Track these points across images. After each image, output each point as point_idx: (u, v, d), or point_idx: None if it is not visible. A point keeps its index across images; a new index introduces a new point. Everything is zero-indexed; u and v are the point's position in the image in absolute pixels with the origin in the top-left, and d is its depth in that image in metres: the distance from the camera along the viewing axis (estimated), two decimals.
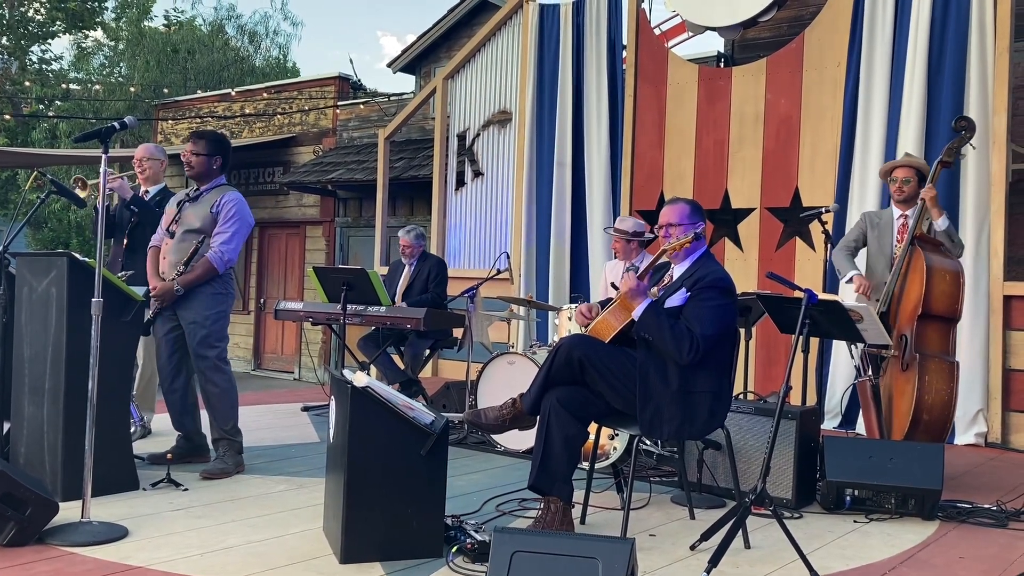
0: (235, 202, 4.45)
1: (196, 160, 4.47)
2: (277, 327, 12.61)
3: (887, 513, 3.91)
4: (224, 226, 4.39)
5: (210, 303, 4.37)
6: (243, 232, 4.47)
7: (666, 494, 4.22)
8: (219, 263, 4.35)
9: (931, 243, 4.60)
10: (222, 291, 4.43)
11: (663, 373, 3.34)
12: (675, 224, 3.54)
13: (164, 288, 4.32)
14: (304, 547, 3.26)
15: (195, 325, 4.34)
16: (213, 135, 4.63)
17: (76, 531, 3.24)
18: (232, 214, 4.41)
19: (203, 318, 4.34)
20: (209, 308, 4.36)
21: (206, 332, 4.34)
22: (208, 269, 4.33)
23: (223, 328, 4.45)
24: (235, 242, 4.42)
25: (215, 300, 4.39)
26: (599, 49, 7.94)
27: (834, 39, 6.74)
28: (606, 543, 2.46)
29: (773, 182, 6.97)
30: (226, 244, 4.38)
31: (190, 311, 4.35)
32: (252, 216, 4.60)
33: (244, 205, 4.50)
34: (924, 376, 4.39)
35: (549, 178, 8.14)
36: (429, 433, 3.14)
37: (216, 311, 4.39)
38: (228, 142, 4.68)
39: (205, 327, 4.34)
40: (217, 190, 4.49)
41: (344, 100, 12.54)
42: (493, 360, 5.18)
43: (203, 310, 4.35)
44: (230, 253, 4.40)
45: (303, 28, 45.21)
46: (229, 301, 4.51)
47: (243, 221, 4.46)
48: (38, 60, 20.83)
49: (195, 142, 4.50)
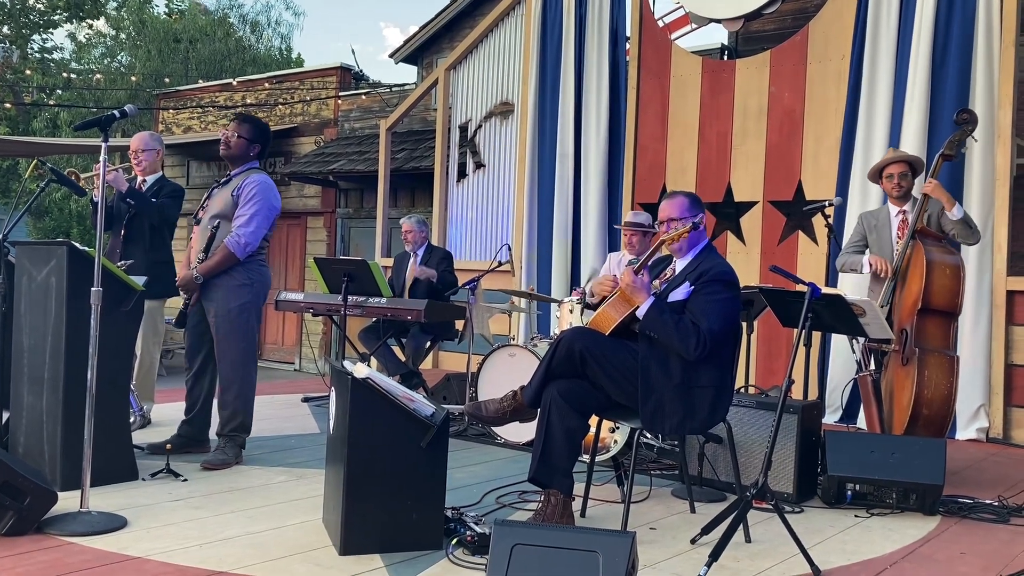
0: (257, 184, 4.24)
1: (236, 142, 4.31)
2: (278, 318, 12.59)
3: (888, 508, 3.90)
4: (243, 208, 4.20)
5: (232, 296, 4.20)
6: (265, 215, 4.24)
7: (667, 487, 4.21)
8: (237, 248, 4.16)
9: (932, 237, 4.56)
10: (246, 281, 4.24)
11: (665, 367, 3.32)
12: (676, 218, 3.51)
13: (185, 278, 4.23)
14: (303, 538, 3.25)
15: (217, 319, 4.22)
16: (258, 122, 4.46)
17: (75, 521, 3.23)
18: (252, 195, 4.20)
19: (225, 312, 4.21)
20: (232, 301, 4.20)
21: (228, 327, 4.21)
22: (226, 255, 4.16)
23: (248, 321, 4.26)
24: (254, 225, 4.20)
25: (238, 292, 4.21)
26: (601, 40, 7.90)
27: (838, 31, 6.70)
28: (607, 536, 2.44)
29: (776, 175, 6.94)
30: (244, 227, 4.17)
31: (213, 304, 4.23)
32: (278, 199, 4.36)
33: (268, 187, 4.27)
34: (924, 371, 4.37)
35: (551, 170, 8.12)
36: (429, 425, 3.13)
37: (239, 304, 4.21)
38: (270, 133, 4.52)
39: (227, 322, 4.20)
40: (244, 173, 4.32)
41: (346, 91, 12.50)
42: (494, 352, 5.16)
43: (226, 303, 4.21)
44: (248, 237, 4.18)
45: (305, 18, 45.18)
46: (255, 292, 4.29)
47: (265, 203, 4.23)
48: (39, 49, 20.78)
49: (239, 124, 4.34)
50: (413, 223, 6.68)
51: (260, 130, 4.41)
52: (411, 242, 6.68)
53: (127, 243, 4.99)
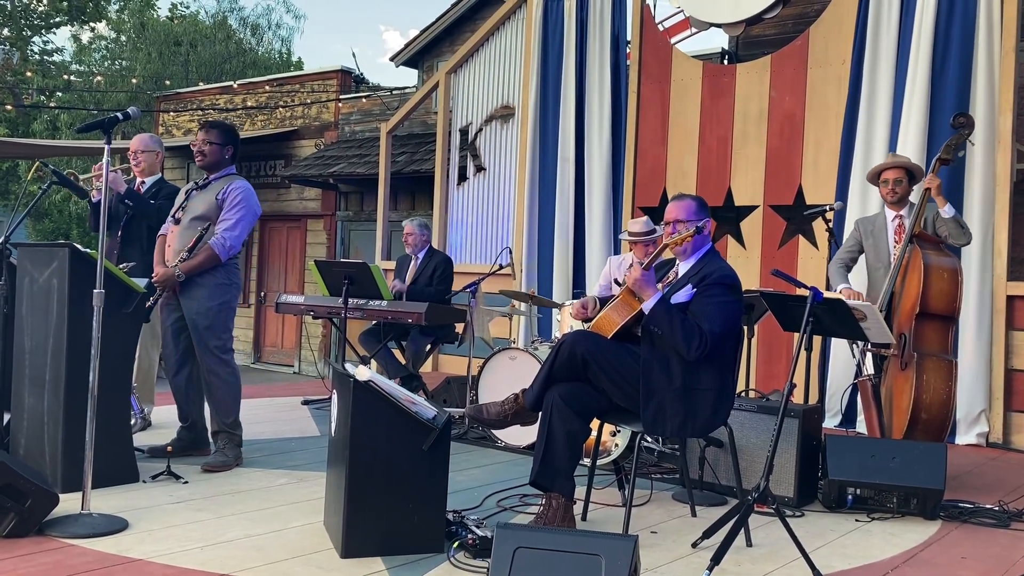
0: (241, 190, 4.42)
1: (209, 149, 4.46)
2: (277, 320, 12.60)
3: (889, 512, 3.90)
4: (228, 213, 4.36)
5: (214, 294, 4.34)
6: (248, 220, 4.43)
7: (667, 491, 4.21)
8: (221, 250, 4.31)
9: (930, 241, 4.57)
10: (226, 281, 4.40)
11: (666, 370, 3.32)
12: (682, 220, 3.52)
13: (165, 274, 4.29)
14: (305, 541, 3.25)
15: (198, 316, 4.32)
16: (225, 125, 4.64)
17: (76, 523, 3.23)
18: (238, 201, 4.38)
19: (206, 309, 4.32)
20: (212, 299, 4.34)
21: (209, 323, 4.32)
22: (210, 256, 4.30)
23: (227, 319, 4.42)
24: (239, 229, 4.38)
25: (219, 291, 4.36)
26: (602, 44, 7.91)
27: (839, 36, 6.71)
28: (609, 540, 2.44)
29: (776, 180, 6.94)
30: (229, 231, 4.34)
31: (194, 301, 4.33)
32: (259, 205, 4.57)
33: (251, 193, 4.46)
34: (923, 375, 4.37)
35: (552, 174, 8.12)
36: (431, 428, 3.13)
37: (219, 302, 4.36)
38: (238, 133, 4.69)
39: (208, 318, 4.32)
40: (225, 179, 4.49)
41: (346, 94, 12.52)
42: (495, 355, 5.16)
43: (206, 301, 4.33)
44: (233, 240, 4.36)
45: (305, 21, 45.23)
46: (233, 292, 4.48)
47: (249, 209, 4.42)
48: (39, 51, 20.78)
49: (207, 131, 4.50)
50: (415, 226, 6.68)
51: (227, 132, 4.57)
52: (412, 245, 6.68)
53: (125, 244, 5.00)
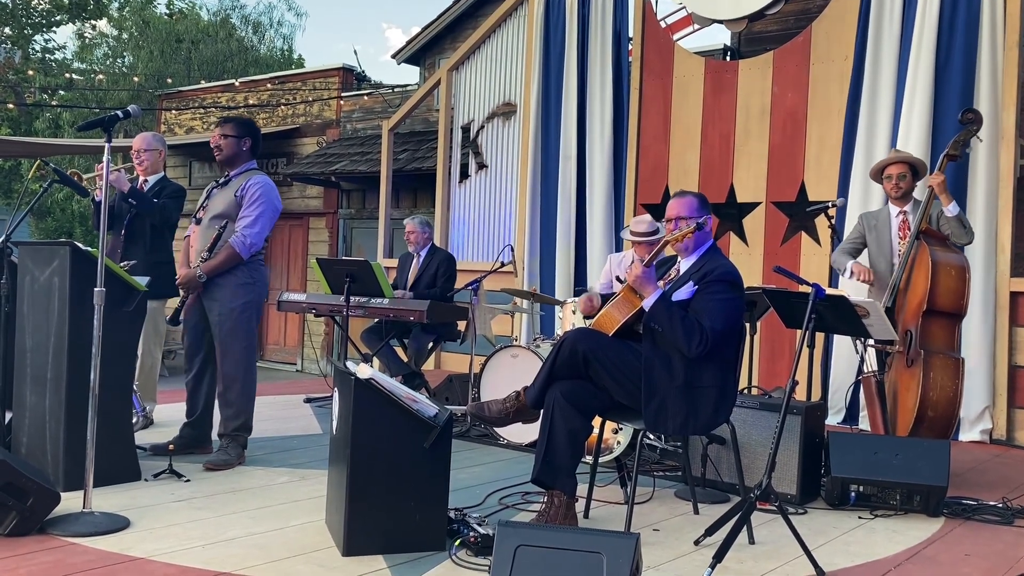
0: (260, 185, 4.32)
1: (225, 143, 4.38)
2: (280, 318, 12.60)
3: (892, 509, 3.89)
4: (248, 210, 4.27)
5: (236, 294, 4.26)
6: (269, 216, 4.32)
7: (669, 489, 4.20)
8: (242, 248, 4.23)
9: (937, 237, 4.55)
10: (248, 280, 4.30)
11: (668, 367, 3.32)
12: (684, 217, 3.51)
13: (187, 276, 4.25)
14: (306, 539, 3.25)
15: (221, 318, 4.25)
16: (241, 118, 4.57)
17: (78, 521, 3.23)
18: (257, 197, 4.28)
19: (228, 311, 4.25)
20: (234, 300, 4.26)
21: (232, 325, 4.25)
22: (231, 255, 4.22)
23: (250, 320, 4.33)
24: (259, 226, 4.28)
25: (242, 291, 4.27)
26: (604, 41, 7.90)
27: (842, 32, 6.69)
28: (611, 538, 2.44)
29: (779, 176, 6.93)
30: (249, 228, 4.25)
31: (216, 302, 4.26)
32: (280, 200, 4.46)
33: (271, 189, 4.36)
34: (929, 372, 4.36)
35: (554, 171, 8.12)
36: (433, 426, 3.12)
37: (242, 303, 4.28)
38: (257, 126, 4.59)
39: (231, 320, 4.25)
40: (245, 174, 4.39)
41: (348, 91, 12.51)
42: (496, 353, 5.16)
43: (228, 302, 4.25)
44: (253, 237, 4.26)
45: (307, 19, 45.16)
46: (257, 291, 4.37)
47: (269, 204, 4.32)
48: (41, 49, 20.78)
49: (223, 125, 4.42)
50: (416, 224, 6.67)
51: (244, 124, 4.48)
52: (414, 243, 6.67)
53: (128, 243, 4.99)
